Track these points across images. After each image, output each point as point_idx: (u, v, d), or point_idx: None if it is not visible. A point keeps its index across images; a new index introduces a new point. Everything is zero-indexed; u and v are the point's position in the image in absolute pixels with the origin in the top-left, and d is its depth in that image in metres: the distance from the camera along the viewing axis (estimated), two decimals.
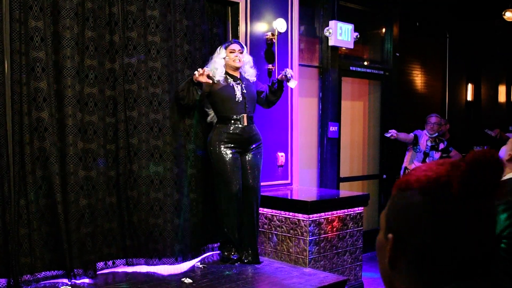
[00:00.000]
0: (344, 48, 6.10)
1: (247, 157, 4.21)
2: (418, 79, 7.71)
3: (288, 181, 5.11)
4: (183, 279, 3.74)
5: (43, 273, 3.63)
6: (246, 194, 4.19)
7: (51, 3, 3.59)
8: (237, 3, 4.70)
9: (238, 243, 4.21)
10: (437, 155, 6.06)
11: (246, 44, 4.75)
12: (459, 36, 8.02)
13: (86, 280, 3.71)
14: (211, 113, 4.28)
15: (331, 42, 5.79)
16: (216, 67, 4.16)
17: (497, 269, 2.06)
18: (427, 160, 6.02)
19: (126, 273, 3.95)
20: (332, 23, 5.76)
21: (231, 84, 4.18)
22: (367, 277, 4.82)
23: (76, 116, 3.67)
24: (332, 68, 5.90)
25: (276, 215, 4.38)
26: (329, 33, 5.73)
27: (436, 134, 6.10)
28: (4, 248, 3.45)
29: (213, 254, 4.44)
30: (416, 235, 0.84)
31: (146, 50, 4.00)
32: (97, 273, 3.83)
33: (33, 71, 3.51)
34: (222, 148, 4.11)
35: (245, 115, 4.17)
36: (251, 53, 4.79)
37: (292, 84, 4.42)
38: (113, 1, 3.88)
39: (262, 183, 4.88)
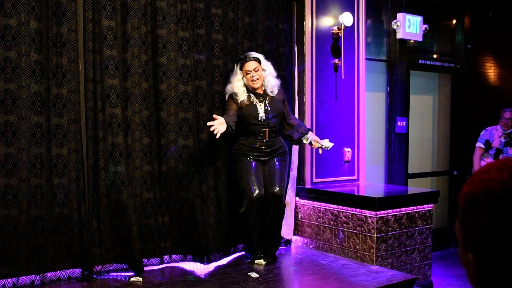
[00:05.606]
0: (412, 41, 5.93)
1: (269, 165, 4.14)
2: (491, 71, 7.37)
3: (355, 177, 5.03)
4: (249, 274, 3.78)
5: (114, 265, 3.79)
6: (269, 201, 4.09)
7: (122, 2, 3.73)
8: None
9: (257, 246, 4.16)
10: (511, 151, 5.77)
11: (312, 39, 4.71)
12: None
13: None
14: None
15: (399, 35, 5.65)
16: (236, 91, 4.11)
17: None
18: (500, 157, 5.75)
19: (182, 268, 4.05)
20: (400, 15, 5.62)
21: (254, 103, 4.12)
22: (437, 276, 4.67)
23: (142, 112, 3.84)
24: (400, 62, 5.76)
25: (342, 211, 4.33)
26: (397, 25, 5.60)
27: (511, 130, 5.79)
28: (80, 239, 3.64)
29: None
30: (496, 253, 0.81)
31: (210, 47, 4.12)
32: (158, 267, 3.97)
33: (107, 69, 3.66)
34: (243, 158, 4.11)
35: (267, 130, 4.12)
36: (317, 48, 4.76)
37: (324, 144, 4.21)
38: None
39: (328, 179, 4.84)
